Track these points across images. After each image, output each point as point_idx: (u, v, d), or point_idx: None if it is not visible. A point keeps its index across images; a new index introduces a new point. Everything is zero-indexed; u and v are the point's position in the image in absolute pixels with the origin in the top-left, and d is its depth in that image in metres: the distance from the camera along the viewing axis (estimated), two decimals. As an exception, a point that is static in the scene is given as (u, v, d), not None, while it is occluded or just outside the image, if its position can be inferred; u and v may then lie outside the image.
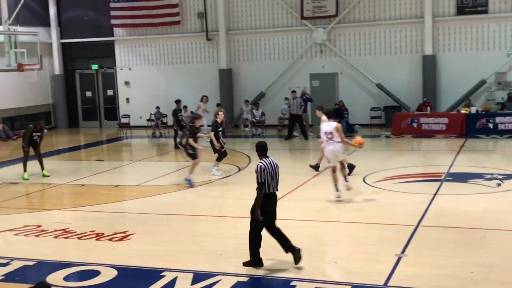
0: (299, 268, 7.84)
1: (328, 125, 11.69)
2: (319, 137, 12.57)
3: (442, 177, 13.37)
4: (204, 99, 21.20)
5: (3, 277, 8.05)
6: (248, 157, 17.18)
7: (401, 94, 22.36)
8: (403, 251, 8.43)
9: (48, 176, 15.13)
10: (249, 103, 23.20)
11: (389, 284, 7.27)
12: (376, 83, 22.48)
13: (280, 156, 17.74)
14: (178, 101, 19.74)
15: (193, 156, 13.38)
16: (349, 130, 21.23)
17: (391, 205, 11.22)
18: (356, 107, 22.78)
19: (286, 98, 22.26)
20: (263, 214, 7.76)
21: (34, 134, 15.13)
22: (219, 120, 14.43)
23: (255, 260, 8.01)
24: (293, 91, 21.16)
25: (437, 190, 12.10)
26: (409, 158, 16.74)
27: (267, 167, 7.72)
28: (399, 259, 8.11)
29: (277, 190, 7.91)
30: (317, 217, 10.52)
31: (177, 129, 19.21)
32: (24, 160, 15.05)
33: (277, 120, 23.06)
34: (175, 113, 19.40)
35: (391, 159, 16.93)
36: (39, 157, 15.33)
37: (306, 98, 20.79)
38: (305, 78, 23.42)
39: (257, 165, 7.75)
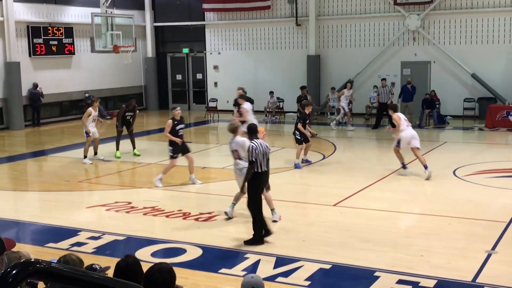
0: (381, 259, 7.73)
1: None
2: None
3: (538, 174, 12.72)
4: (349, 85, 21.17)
5: (95, 249, 8.44)
6: (334, 145, 17.04)
7: (497, 86, 21.39)
8: (493, 248, 8.11)
9: (139, 155, 15.66)
10: (336, 90, 22.95)
11: (478, 281, 7.03)
12: (471, 73, 21.61)
13: (367, 146, 17.51)
14: (303, 87, 19.16)
15: (299, 141, 13.79)
16: (440, 122, 20.62)
17: (482, 200, 10.81)
18: (449, 97, 22.02)
19: (375, 86, 21.86)
20: (256, 190, 8.49)
21: (127, 113, 15.59)
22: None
23: (256, 238, 8.38)
24: (383, 79, 20.76)
25: (533, 187, 11.52)
26: (503, 152, 16.02)
27: (258, 147, 8.40)
28: (488, 255, 7.82)
29: (267, 168, 8.55)
30: (404, 208, 10.30)
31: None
32: (117, 139, 15.64)
33: (364, 109, 22.69)
34: (299, 100, 18.65)
35: (483, 153, 16.27)
36: (132, 136, 15.84)
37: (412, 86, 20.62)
38: (396, 66, 22.87)
39: (249, 145, 8.51)
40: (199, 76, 27.34)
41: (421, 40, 22.55)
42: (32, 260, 1.94)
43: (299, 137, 13.81)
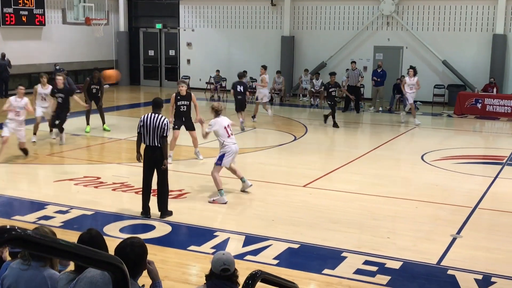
0: (348, 240, 7.83)
1: None
2: (378, 111, 12.52)
3: (503, 161, 12.99)
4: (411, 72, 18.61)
5: (62, 223, 8.36)
6: (305, 126, 17.11)
7: (467, 73, 21.68)
8: (458, 232, 8.28)
9: (109, 130, 15.50)
10: (309, 72, 22.99)
11: (442, 264, 7.18)
12: (442, 59, 21.85)
13: (336, 129, 17.62)
14: (332, 74, 17.90)
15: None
16: (410, 107, 20.80)
17: (449, 185, 11.00)
18: (419, 83, 22.20)
19: (347, 69, 21.97)
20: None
21: (92, 87, 15.25)
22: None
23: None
24: (353, 62, 20.87)
25: (498, 174, 11.77)
26: (471, 139, 16.31)
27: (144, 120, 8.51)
28: (453, 239, 7.99)
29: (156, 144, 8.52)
30: (371, 191, 10.43)
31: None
32: (87, 113, 15.42)
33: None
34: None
35: (451, 139, 16.53)
36: (101, 111, 15.61)
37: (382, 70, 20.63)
38: (368, 50, 22.99)
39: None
40: (171, 52, 27.07)
41: (395, 25, 22.69)
42: (8, 227, 1.91)
43: None
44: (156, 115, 8.59)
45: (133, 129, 15.79)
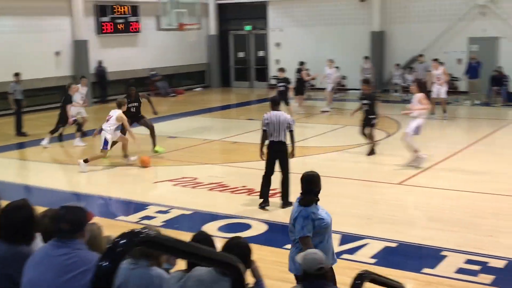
0: (449, 238, 7.63)
1: None
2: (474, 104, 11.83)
3: None
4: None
5: (164, 223, 8.69)
6: (398, 122, 16.79)
7: None
8: None
9: (162, 152, 13.40)
10: (400, 67, 22.51)
11: (550, 263, 6.85)
12: (543, 48, 20.76)
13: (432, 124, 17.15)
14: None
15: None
16: (509, 99, 19.93)
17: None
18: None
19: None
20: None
21: (130, 105, 12.84)
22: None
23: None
24: (420, 55, 20.43)
25: None
26: None
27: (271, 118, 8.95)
28: (561, 237, 7.60)
29: (279, 139, 8.96)
30: (471, 188, 10.09)
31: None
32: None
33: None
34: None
35: (555, 132, 15.66)
36: (151, 131, 13.29)
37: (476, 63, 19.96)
38: (463, 42, 22.19)
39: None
40: (261, 53, 27.35)
41: (490, 15, 21.77)
42: (136, 230, 2.05)
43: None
44: (279, 112, 9.11)
45: (226, 131, 16.23)
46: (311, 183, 5.25)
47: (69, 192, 10.88)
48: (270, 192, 9.45)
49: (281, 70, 17.75)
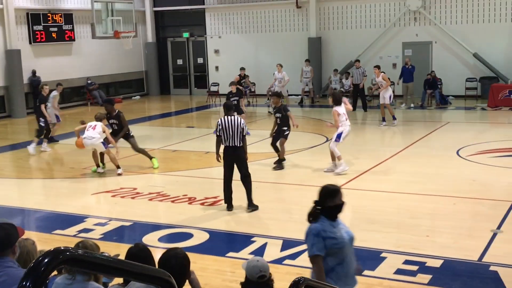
0: (387, 240, 7.77)
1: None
2: (409, 108, 12.13)
3: (542, 152, 12.73)
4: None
5: (102, 235, 8.48)
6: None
7: (499, 65, 21.31)
8: (498, 227, 8.15)
9: (156, 167, 12.67)
10: (338, 72, 22.89)
11: (484, 260, 7.07)
12: (473, 52, 21.52)
13: (369, 128, 17.48)
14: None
15: None
16: (442, 102, 20.59)
17: (486, 179, 10.83)
18: (451, 77, 21.96)
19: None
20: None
21: (111, 122, 12.48)
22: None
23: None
24: (357, 60, 20.92)
25: (537, 166, 11.54)
26: (506, 131, 16.01)
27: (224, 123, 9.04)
28: (494, 235, 7.86)
29: (234, 144, 9.09)
30: (408, 189, 10.33)
31: None
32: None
33: (367, 90, 22.61)
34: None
35: (486, 132, 16.27)
36: (136, 149, 12.76)
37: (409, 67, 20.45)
38: (397, 47, 22.79)
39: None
40: (200, 60, 27.25)
41: (422, 20, 22.45)
42: (62, 248, 1.96)
43: None
44: (232, 117, 9.17)
45: (166, 139, 16.06)
46: (325, 196, 4.65)
47: (0, 206, 10.48)
48: (213, 199, 9.38)
49: (233, 83, 16.78)
